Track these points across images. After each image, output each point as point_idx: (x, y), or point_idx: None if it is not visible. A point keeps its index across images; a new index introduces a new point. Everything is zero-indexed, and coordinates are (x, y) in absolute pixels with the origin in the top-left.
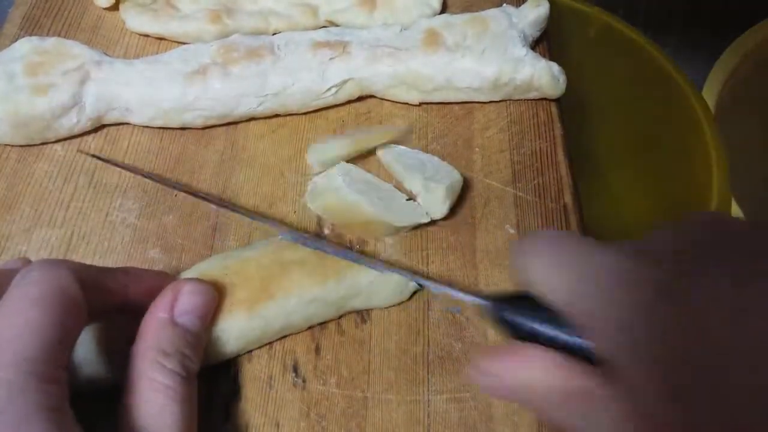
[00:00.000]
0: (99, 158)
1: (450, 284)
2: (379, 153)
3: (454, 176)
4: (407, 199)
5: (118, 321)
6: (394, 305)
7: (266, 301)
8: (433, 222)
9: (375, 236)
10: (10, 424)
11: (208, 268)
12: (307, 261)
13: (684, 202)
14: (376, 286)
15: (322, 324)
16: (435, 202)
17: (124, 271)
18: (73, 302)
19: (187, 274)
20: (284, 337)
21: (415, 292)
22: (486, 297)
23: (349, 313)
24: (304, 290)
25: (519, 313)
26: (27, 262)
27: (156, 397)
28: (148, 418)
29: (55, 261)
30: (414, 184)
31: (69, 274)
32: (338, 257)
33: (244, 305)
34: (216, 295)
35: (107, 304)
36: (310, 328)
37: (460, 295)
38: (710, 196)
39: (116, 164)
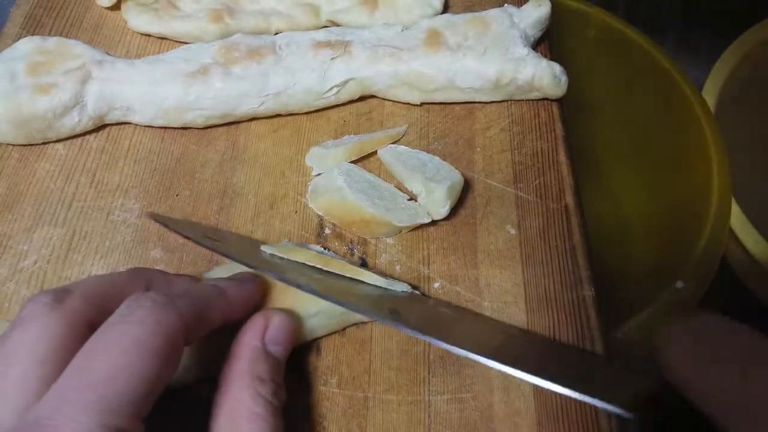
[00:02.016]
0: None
1: (575, 381)
2: (380, 153)
3: (455, 176)
4: (408, 200)
5: None
6: None
7: None
8: (434, 222)
9: (376, 236)
10: None
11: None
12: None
13: (684, 202)
14: None
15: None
16: (436, 203)
17: (224, 295)
18: (173, 352)
19: None
20: None
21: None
22: (624, 404)
23: (353, 325)
24: (308, 303)
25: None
26: (137, 276)
27: (249, 423)
28: None
29: (166, 300)
30: (415, 184)
31: (176, 319)
32: (342, 264)
33: None
34: (297, 327)
35: (203, 335)
36: (314, 340)
37: (591, 400)
38: (710, 196)
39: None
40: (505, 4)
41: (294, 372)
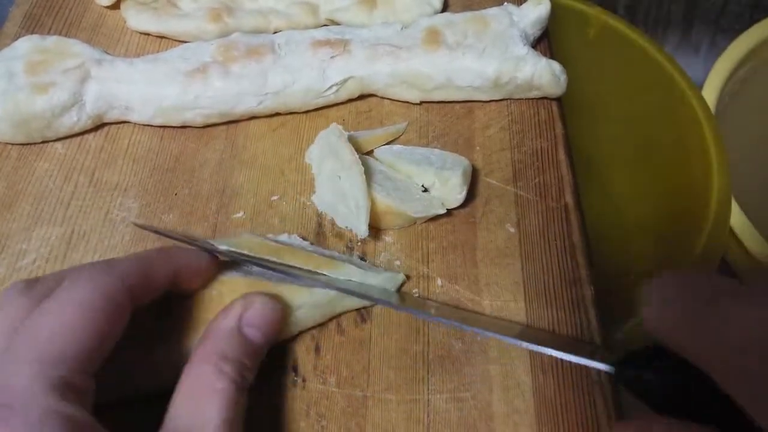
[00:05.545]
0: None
1: (559, 343)
2: (378, 154)
3: (464, 162)
4: (423, 191)
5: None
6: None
7: None
8: (435, 219)
9: (389, 227)
10: (21, 428)
11: None
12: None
13: (684, 202)
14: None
15: (321, 324)
16: (452, 190)
17: (169, 257)
18: (116, 309)
19: None
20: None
21: (402, 284)
22: (608, 359)
23: (344, 313)
24: (293, 294)
25: (649, 376)
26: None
27: (207, 397)
28: (194, 417)
29: (106, 266)
30: (426, 176)
31: (116, 281)
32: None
33: None
34: (284, 315)
35: (152, 298)
36: (300, 333)
37: (576, 359)
38: (710, 196)
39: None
40: (505, 3)
41: (292, 370)
